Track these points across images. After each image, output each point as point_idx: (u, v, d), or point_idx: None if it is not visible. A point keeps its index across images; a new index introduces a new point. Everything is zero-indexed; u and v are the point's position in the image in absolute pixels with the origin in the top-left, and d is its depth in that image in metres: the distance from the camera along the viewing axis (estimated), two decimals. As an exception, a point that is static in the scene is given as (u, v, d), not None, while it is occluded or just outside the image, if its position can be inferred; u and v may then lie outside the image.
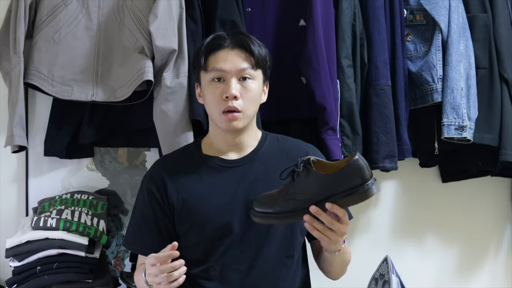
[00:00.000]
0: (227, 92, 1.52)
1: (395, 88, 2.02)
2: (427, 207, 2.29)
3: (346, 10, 1.97)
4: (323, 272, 1.66)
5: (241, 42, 1.55)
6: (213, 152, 1.62)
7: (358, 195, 1.36)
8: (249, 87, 1.55)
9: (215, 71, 1.54)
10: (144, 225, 1.59)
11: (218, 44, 1.56)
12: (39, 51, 1.90)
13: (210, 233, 1.54)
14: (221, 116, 1.54)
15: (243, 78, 1.54)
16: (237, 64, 1.53)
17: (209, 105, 1.57)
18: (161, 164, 1.65)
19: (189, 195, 1.57)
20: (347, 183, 1.36)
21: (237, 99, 1.52)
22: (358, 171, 1.36)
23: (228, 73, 1.53)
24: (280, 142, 1.67)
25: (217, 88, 1.54)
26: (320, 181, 1.37)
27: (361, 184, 1.36)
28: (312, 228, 1.39)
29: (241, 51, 1.55)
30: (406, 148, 2.02)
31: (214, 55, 1.55)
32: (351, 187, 1.36)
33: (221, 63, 1.54)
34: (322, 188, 1.37)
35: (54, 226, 1.78)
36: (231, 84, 1.52)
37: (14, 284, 1.78)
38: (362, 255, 2.20)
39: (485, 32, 2.07)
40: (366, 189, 1.36)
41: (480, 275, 2.33)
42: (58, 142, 1.99)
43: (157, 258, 1.41)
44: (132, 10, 1.89)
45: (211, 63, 1.55)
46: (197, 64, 1.59)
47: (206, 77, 1.57)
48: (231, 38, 1.57)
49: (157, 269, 1.41)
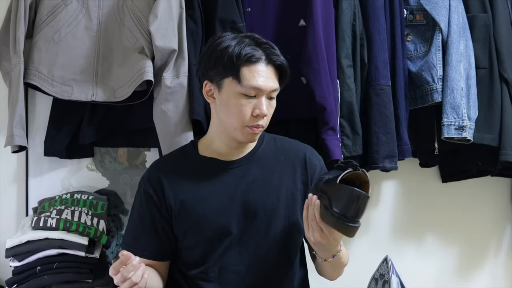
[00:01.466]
0: (260, 111, 1.50)
1: (395, 88, 2.02)
2: (427, 207, 2.29)
3: (346, 10, 1.97)
4: (319, 274, 1.66)
5: (275, 59, 1.53)
6: (210, 153, 1.61)
7: (339, 224, 1.35)
8: (273, 104, 1.56)
9: (252, 89, 1.50)
10: (142, 227, 1.59)
11: (254, 58, 1.50)
12: (39, 51, 1.90)
13: (208, 235, 1.53)
14: (244, 129, 1.53)
15: (271, 97, 1.55)
16: (272, 85, 1.52)
17: (232, 115, 1.53)
18: (158, 166, 1.65)
19: (187, 197, 1.57)
20: (340, 204, 1.35)
21: (265, 116, 1.53)
22: (355, 204, 1.34)
23: (262, 92, 1.52)
24: (278, 143, 1.67)
25: (247, 103, 1.51)
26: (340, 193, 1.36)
27: (348, 215, 1.34)
28: (306, 220, 1.42)
29: (274, 68, 1.54)
30: (406, 148, 2.02)
31: (249, 68, 1.50)
32: (339, 209, 1.35)
33: (258, 80, 1.50)
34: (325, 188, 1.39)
35: (54, 226, 1.78)
36: (263, 103, 1.51)
37: (14, 284, 1.78)
38: (362, 255, 2.21)
39: (485, 32, 2.07)
40: (347, 224, 1.34)
41: (480, 275, 2.33)
42: (58, 142, 1.99)
43: (114, 268, 1.37)
44: (132, 10, 1.89)
45: (247, 77, 1.50)
46: (223, 68, 1.51)
47: (236, 88, 1.51)
48: (263, 50, 1.53)
49: (119, 277, 1.36)
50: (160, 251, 1.59)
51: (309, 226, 1.42)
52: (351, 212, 1.34)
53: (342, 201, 1.34)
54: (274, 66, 1.54)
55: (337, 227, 1.36)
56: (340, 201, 1.35)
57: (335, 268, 1.60)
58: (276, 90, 1.54)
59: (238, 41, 1.52)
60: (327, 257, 1.49)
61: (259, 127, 1.53)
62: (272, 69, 1.53)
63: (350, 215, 1.34)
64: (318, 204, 1.39)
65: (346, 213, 1.34)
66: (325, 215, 1.38)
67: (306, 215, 1.43)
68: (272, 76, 1.53)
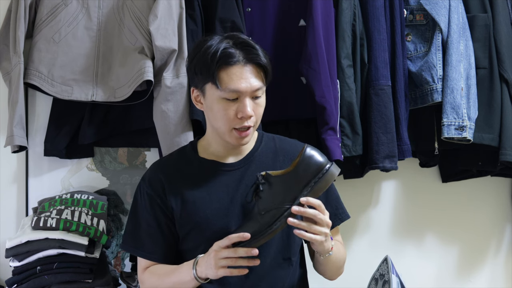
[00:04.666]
0: (244, 112, 1.49)
1: (395, 88, 2.02)
2: (427, 207, 2.29)
3: (346, 10, 1.97)
4: (320, 273, 1.66)
5: (253, 57, 1.50)
6: (209, 155, 1.61)
7: (323, 181, 1.43)
8: (260, 103, 1.54)
9: (231, 92, 1.48)
10: (147, 229, 1.58)
11: (230, 59, 1.49)
12: (39, 51, 1.90)
13: (209, 237, 1.53)
14: (232, 132, 1.52)
15: (256, 97, 1.52)
16: (253, 85, 1.49)
17: (218, 120, 1.52)
18: (158, 168, 1.64)
19: (188, 199, 1.56)
20: (307, 174, 1.43)
21: (251, 117, 1.52)
22: (312, 159, 1.44)
23: (244, 94, 1.50)
24: (277, 143, 1.66)
25: (230, 106, 1.50)
26: (283, 183, 1.44)
27: (320, 170, 1.44)
28: (299, 231, 1.42)
29: (253, 67, 1.51)
30: (406, 148, 2.02)
31: (226, 71, 1.48)
32: (313, 176, 1.44)
33: (236, 82, 1.48)
34: (288, 189, 1.43)
35: (54, 226, 1.78)
36: (246, 104, 1.49)
37: (14, 284, 1.78)
38: (362, 255, 2.21)
39: (485, 32, 2.07)
40: (326, 172, 1.44)
41: (480, 275, 2.33)
42: (58, 142, 1.99)
43: (230, 239, 1.42)
44: (132, 10, 1.89)
45: (225, 80, 1.48)
46: (203, 74, 1.51)
47: (216, 93, 1.50)
48: (240, 50, 1.50)
49: (229, 251, 1.41)
50: (166, 253, 1.59)
51: (313, 231, 1.42)
52: (317, 167, 1.44)
53: (305, 174, 1.44)
54: (254, 65, 1.51)
55: (326, 183, 1.44)
56: (305, 174, 1.44)
57: (334, 264, 1.60)
58: (259, 89, 1.51)
59: (216, 45, 1.50)
60: (329, 248, 1.50)
61: (246, 129, 1.52)
62: (252, 68, 1.50)
63: (318, 169, 1.44)
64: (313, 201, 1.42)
65: (315, 171, 1.44)
66: (313, 193, 1.44)
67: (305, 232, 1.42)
68: (252, 76, 1.50)
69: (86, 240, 1.78)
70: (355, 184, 2.15)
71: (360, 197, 2.24)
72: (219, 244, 1.44)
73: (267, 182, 1.44)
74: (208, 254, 1.46)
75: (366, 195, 2.25)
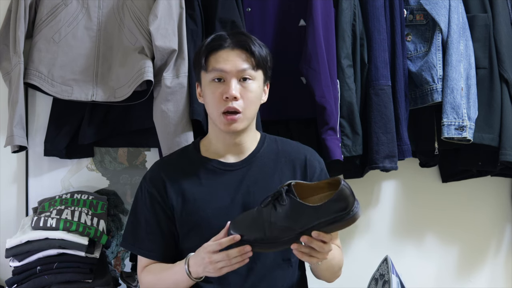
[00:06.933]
0: (227, 92, 1.52)
1: (395, 88, 2.02)
2: (427, 207, 2.29)
3: (346, 10, 1.97)
4: (316, 277, 1.66)
5: (242, 43, 1.55)
6: (211, 154, 1.62)
7: (344, 222, 1.35)
8: (249, 87, 1.54)
9: (216, 71, 1.54)
10: (147, 227, 1.59)
11: (219, 44, 1.55)
12: (39, 51, 1.90)
13: (210, 236, 1.53)
14: (220, 117, 1.53)
15: (244, 78, 1.54)
16: (238, 65, 1.53)
17: (209, 105, 1.57)
18: (160, 166, 1.65)
19: (188, 198, 1.57)
20: (332, 211, 1.35)
21: (237, 99, 1.52)
22: (344, 199, 1.35)
23: (229, 74, 1.53)
24: (279, 145, 1.66)
25: (217, 88, 1.54)
26: (306, 213, 1.36)
27: (346, 210, 1.34)
28: (301, 253, 1.40)
29: (242, 51, 1.54)
30: (406, 148, 2.02)
31: (214, 55, 1.55)
32: (336, 214, 1.35)
33: (221, 63, 1.53)
34: (308, 219, 1.36)
35: (54, 226, 1.78)
36: (231, 84, 1.52)
37: (14, 284, 1.78)
38: (362, 255, 2.21)
39: (485, 32, 2.07)
40: (352, 215, 1.35)
41: (480, 275, 2.33)
42: (58, 142, 1.99)
43: (221, 244, 1.40)
44: (132, 10, 1.89)
45: (212, 63, 1.55)
46: (197, 64, 1.59)
47: (206, 77, 1.56)
48: (232, 38, 1.56)
49: (222, 255, 1.40)
50: (166, 252, 1.59)
51: (313, 256, 1.40)
52: (343, 206, 1.34)
53: (330, 210, 1.34)
54: (243, 49, 1.54)
55: (346, 225, 1.36)
56: (330, 210, 1.34)
57: (328, 270, 1.60)
58: (245, 70, 1.53)
59: (210, 37, 1.59)
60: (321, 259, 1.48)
61: (234, 113, 1.52)
62: (240, 52, 1.54)
63: (344, 209, 1.35)
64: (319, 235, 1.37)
65: (341, 210, 1.35)
66: (329, 229, 1.36)
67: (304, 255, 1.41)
68: (239, 58, 1.53)
69: (86, 240, 1.78)
70: (355, 184, 2.12)
71: (360, 197, 2.19)
72: (208, 249, 1.42)
73: (289, 200, 1.38)
74: (202, 258, 1.45)
75: (366, 195, 2.25)
